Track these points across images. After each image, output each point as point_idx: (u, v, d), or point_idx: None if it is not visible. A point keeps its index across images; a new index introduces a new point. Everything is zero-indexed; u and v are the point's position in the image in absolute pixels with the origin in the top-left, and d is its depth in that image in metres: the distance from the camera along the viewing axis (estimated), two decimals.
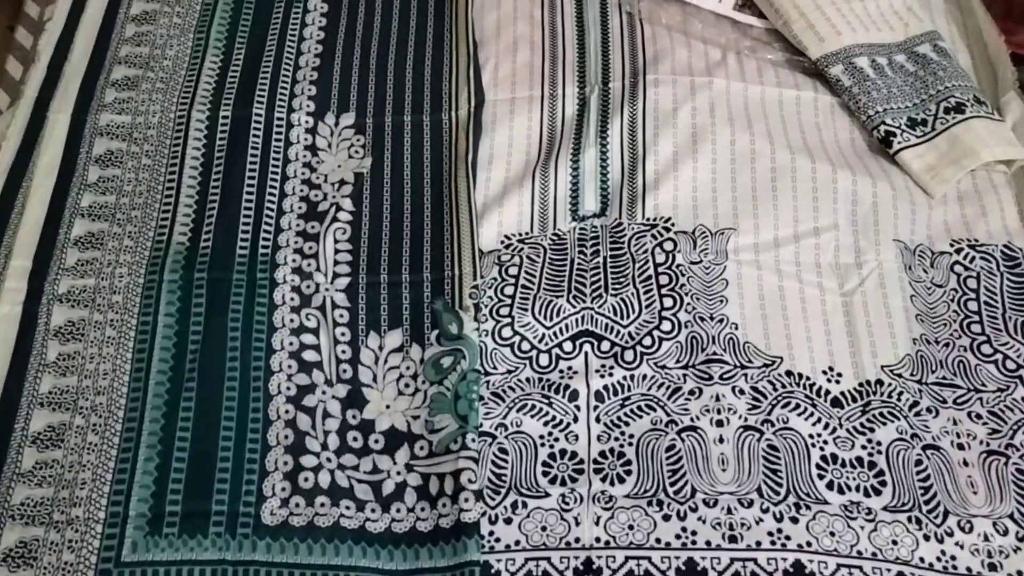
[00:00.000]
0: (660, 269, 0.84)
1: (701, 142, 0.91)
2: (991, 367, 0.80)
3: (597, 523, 0.72)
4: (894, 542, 0.71)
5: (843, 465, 0.74)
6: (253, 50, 1.00)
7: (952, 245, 0.87)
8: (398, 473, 0.75)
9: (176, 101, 0.95)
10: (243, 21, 1.02)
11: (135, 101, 0.95)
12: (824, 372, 0.79)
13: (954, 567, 0.70)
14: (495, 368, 0.80)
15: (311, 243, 0.87)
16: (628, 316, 0.82)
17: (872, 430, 0.76)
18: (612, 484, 0.74)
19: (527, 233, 0.88)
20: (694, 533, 0.71)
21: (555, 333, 0.82)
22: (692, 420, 0.77)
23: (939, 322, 0.82)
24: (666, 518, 0.72)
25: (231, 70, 0.98)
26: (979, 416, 0.77)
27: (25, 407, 0.77)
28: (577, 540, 0.72)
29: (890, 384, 0.78)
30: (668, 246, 0.86)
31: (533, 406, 0.78)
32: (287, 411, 0.78)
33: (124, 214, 0.88)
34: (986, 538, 0.71)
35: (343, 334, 0.82)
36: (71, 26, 1.01)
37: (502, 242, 0.88)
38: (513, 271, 0.86)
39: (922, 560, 0.70)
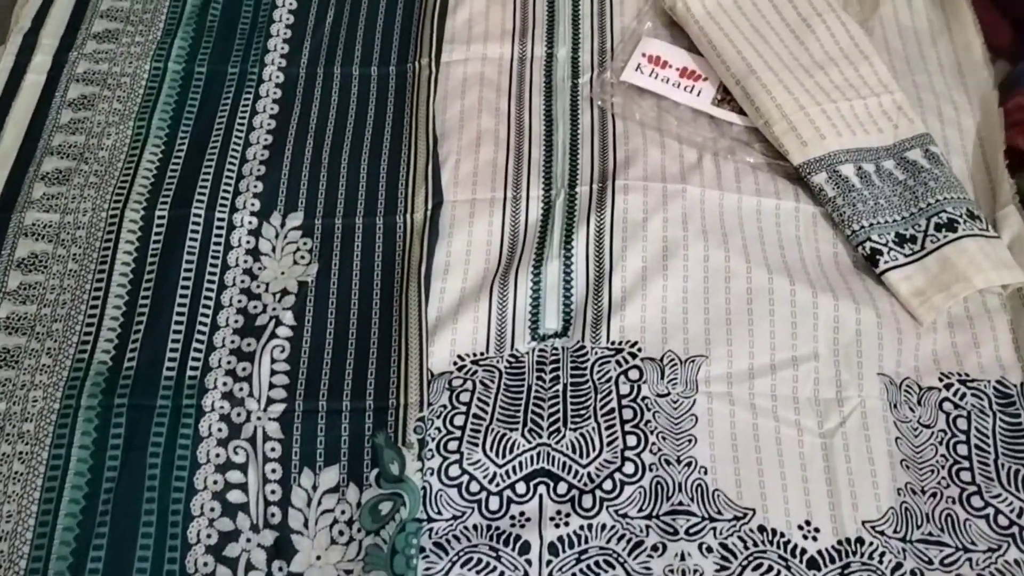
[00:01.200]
0: (624, 401, 0.77)
1: (672, 257, 0.84)
2: (981, 523, 0.73)
3: None
4: None
5: None
6: (198, 140, 0.93)
7: (941, 380, 0.80)
8: None
9: (110, 198, 0.88)
10: (189, 107, 0.96)
11: (65, 198, 0.89)
12: (800, 527, 0.72)
13: None
14: (439, 513, 0.73)
15: (245, 364, 0.80)
16: (588, 455, 0.75)
17: None
18: None
19: (482, 353, 0.81)
20: None
21: (507, 472, 0.75)
22: None
23: (926, 468, 0.76)
24: None
25: (172, 162, 0.91)
26: None
27: None
28: None
29: (871, 543, 0.71)
30: (634, 375, 0.79)
31: (480, 560, 0.71)
32: (206, 563, 0.70)
33: (44, 327, 0.81)
34: None
35: (273, 471, 0.75)
36: (3, 111, 0.94)
37: (455, 363, 0.81)
38: (465, 398, 0.79)
39: None
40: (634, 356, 0.80)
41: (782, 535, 0.72)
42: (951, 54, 1.04)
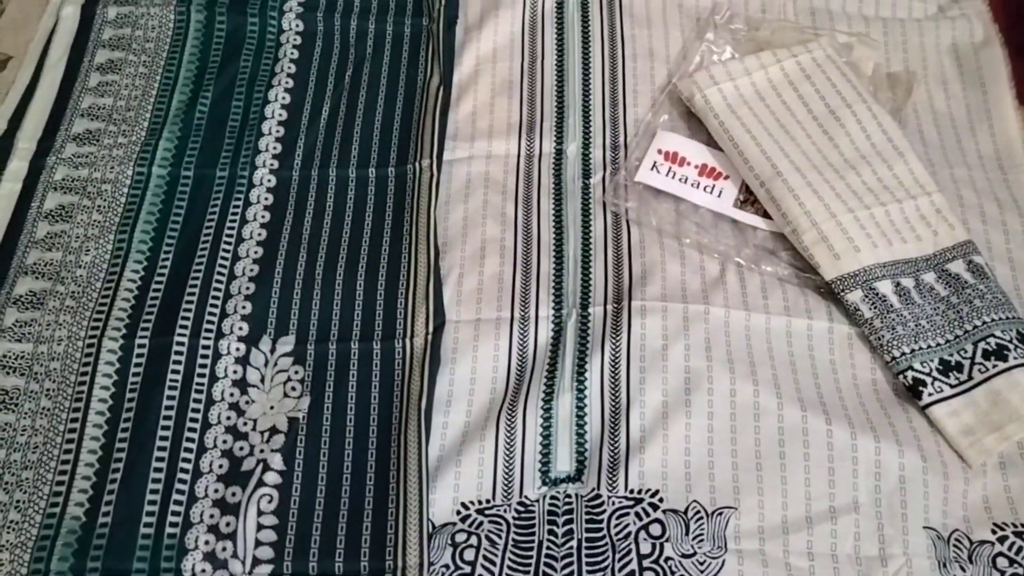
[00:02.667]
0: (645, 563, 0.70)
1: (696, 391, 0.77)
2: None
3: None
4: None
5: None
6: (183, 254, 0.87)
7: (994, 532, 0.73)
8: None
9: (87, 325, 0.82)
10: (174, 217, 0.89)
11: (39, 324, 0.82)
12: None
13: None
14: None
15: (229, 518, 0.73)
16: None
17: None
18: None
19: (488, 500, 0.74)
20: None
21: None
22: None
23: None
24: None
25: (155, 281, 0.85)
26: None
27: None
28: None
29: None
30: (655, 530, 0.72)
31: None
32: None
33: (13, 476, 0.75)
34: None
35: None
36: None
37: (458, 512, 0.74)
38: (469, 556, 0.72)
39: None
40: (655, 508, 0.73)
41: None
42: (991, 144, 0.96)
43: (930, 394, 0.77)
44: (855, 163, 0.89)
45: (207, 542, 0.72)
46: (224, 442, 0.77)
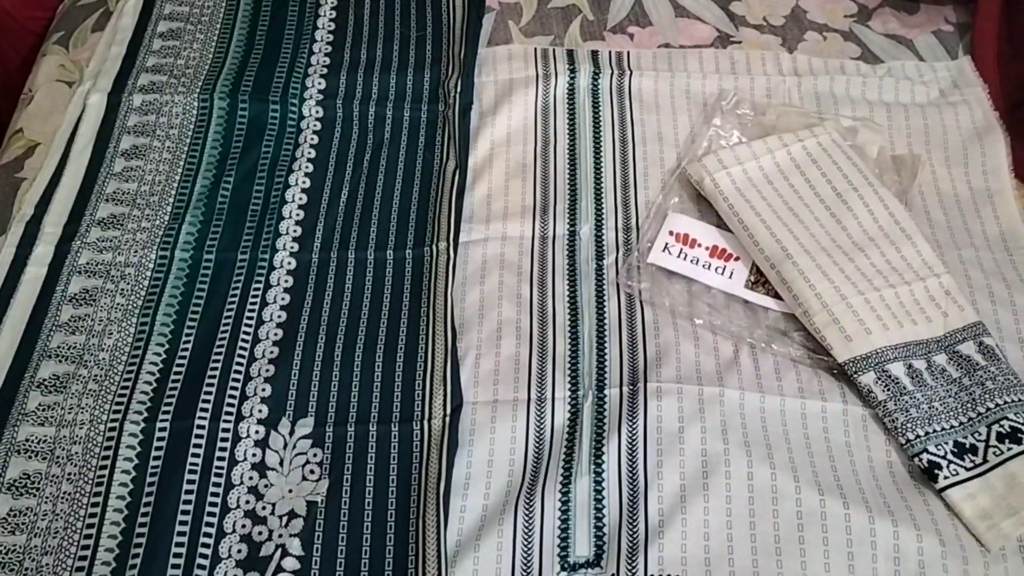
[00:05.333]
0: None
1: (713, 475, 0.78)
2: None
3: None
4: None
5: None
6: (204, 337, 0.88)
7: None
8: None
9: (109, 408, 0.83)
10: (195, 300, 0.91)
11: (62, 408, 0.83)
12: None
13: None
14: None
15: None
16: None
17: None
18: None
19: None
20: None
21: None
22: None
23: None
24: None
25: (176, 364, 0.86)
26: None
27: None
28: None
29: None
30: None
31: None
32: None
33: (33, 561, 0.75)
34: None
35: None
36: (1, 308, 0.89)
37: None
38: None
39: None
40: None
41: None
42: (996, 225, 0.99)
43: (946, 477, 0.78)
44: (863, 245, 0.91)
45: None
46: (243, 527, 0.77)
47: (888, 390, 0.82)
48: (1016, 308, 0.91)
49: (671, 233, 0.96)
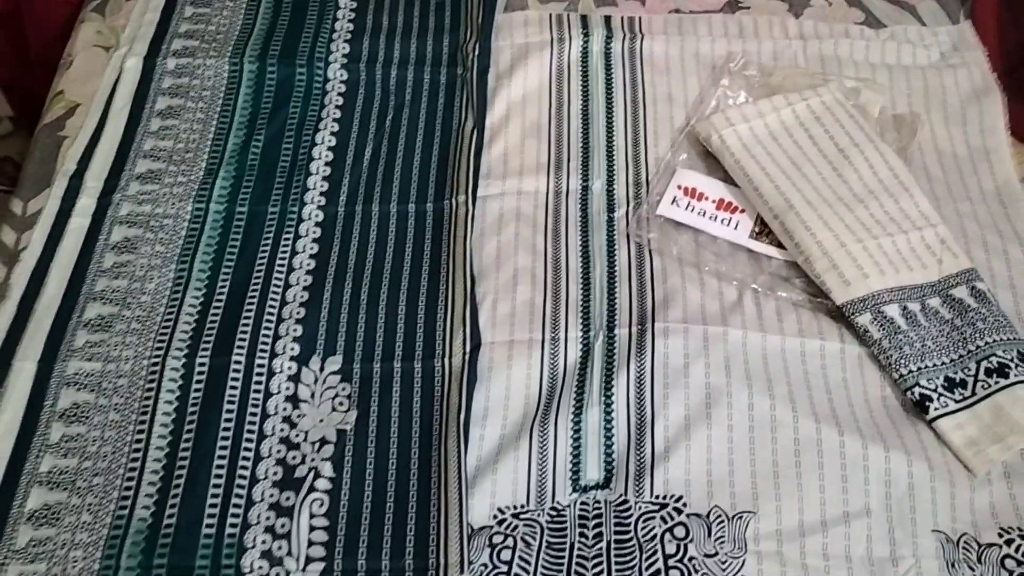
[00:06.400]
0: (671, 562, 0.75)
1: (716, 406, 0.83)
2: None
3: None
4: None
5: None
6: (239, 282, 0.94)
7: (1001, 535, 0.77)
8: None
9: (151, 346, 0.89)
10: (230, 249, 0.97)
11: (107, 345, 0.89)
12: None
13: None
14: None
15: (284, 520, 0.79)
16: None
17: None
18: None
19: (523, 506, 0.80)
20: None
21: None
22: None
23: None
24: None
25: (213, 306, 0.92)
26: None
27: None
28: None
29: None
30: (679, 532, 0.77)
31: None
32: None
33: (85, 481, 0.81)
34: None
35: None
36: (47, 256, 0.95)
37: (495, 516, 0.79)
38: (506, 556, 0.77)
39: None
40: (679, 512, 0.78)
41: None
42: (991, 181, 1.03)
43: (936, 408, 0.83)
44: (863, 198, 0.96)
45: (264, 541, 0.77)
46: (278, 451, 0.83)
47: (883, 329, 0.87)
48: (1009, 257, 0.96)
49: (679, 187, 1.01)
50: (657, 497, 0.79)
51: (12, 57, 1.49)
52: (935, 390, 0.83)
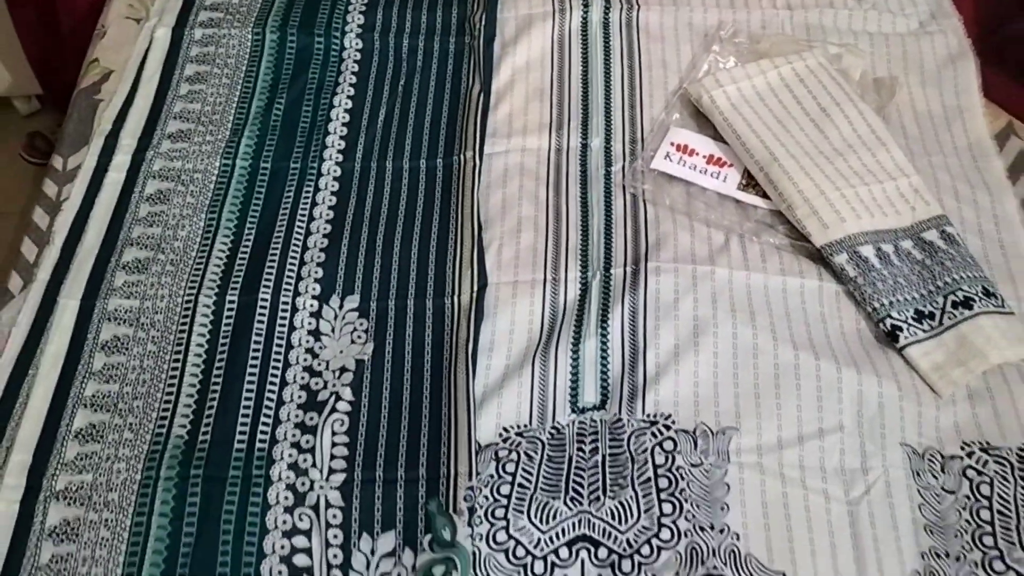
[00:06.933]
0: (660, 471, 0.83)
1: (703, 335, 0.91)
2: None
3: None
4: None
5: None
6: (264, 230, 1.02)
7: (963, 448, 0.84)
8: None
9: (185, 285, 0.97)
10: (255, 200, 1.05)
11: (144, 285, 0.97)
12: None
13: None
14: (488, 575, 0.79)
15: (308, 436, 0.87)
16: (626, 521, 0.80)
17: None
18: None
19: (526, 425, 0.87)
20: None
21: (551, 538, 0.80)
22: None
23: (949, 533, 0.80)
24: None
25: (241, 252, 1.00)
26: None
27: None
28: None
29: None
30: (668, 445, 0.84)
31: None
32: None
33: (126, 404, 0.89)
34: None
35: (335, 536, 0.81)
36: (87, 206, 1.03)
37: (500, 435, 0.87)
38: (510, 468, 0.84)
39: None
40: (668, 428, 0.85)
41: None
42: (964, 138, 1.10)
43: (906, 337, 0.90)
44: (843, 151, 1.03)
45: (291, 455, 0.85)
46: (302, 378, 0.91)
47: (858, 268, 0.94)
48: (978, 206, 1.03)
49: (672, 144, 1.08)
50: (648, 416, 0.86)
51: (43, 36, 1.58)
52: (905, 321, 0.91)
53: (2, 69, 1.66)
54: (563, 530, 0.80)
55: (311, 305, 0.96)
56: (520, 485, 0.83)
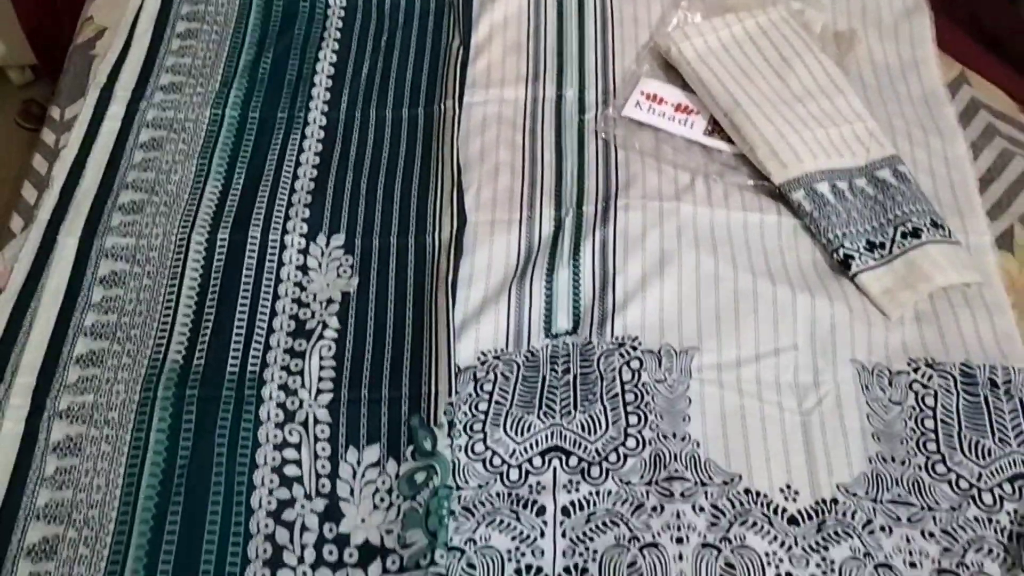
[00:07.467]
0: (627, 387, 0.89)
1: (668, 265, 0.96)
2: (944, 486, 0.83)
3: None
4: None
5: None
6: (253, 174, 1.07)
7: (910, 364, 0.90)
8: None
9: (178, 224, 1.02)
10: (244, 147, 1.10)
11: (139, 224, 1.02)
12: (782, 490, 0.83)
13: None
14: (467, 483, 0.84)
15: (298, 360, 0.92)
16: (595, 432, 0.86)
17: (826, 548, 0.79)
18: None
19: (502, 350, 0.93)
20: None
21: (525, 448, 0.86)
22: (654, 537, 0.80)
23: (895, 440, 0.86)
24: None
25: (231, 194, 1.05)
26: (932, 534, 0.80)
27: (22, 520, 0.82)
28: None
29: (845, 503, 0.82)
30: (635, 364, 0.90)
31: (502, 521, 0.82)
32: (267, 525, 0.82)
33: (124, 332, 0.94)
34: None
35: (323, 449, 0.86)
36: (84, 153, 1.08)
37: (478, 358, 0.92)
38: (487, 387, 0.90)
39: None
40: (635, 349, 0.91)
41: (765, 496, 0.82)
42: (919, 87, 1.16)
43: (858, 265, 0.96)
44: (802, 98, 1.09)
45: (281, 377, 0.91)
46: (291, 309, 0.96)
47: (814, 203, 1.00)
48: (930, 149, 1.09)
49: (642, 93, 1.14)
50: (616, 338, 0.92)
51: (37, 6, 1.62)
52: (857, 251, 0.97)
53: None
54: (536, 441, 0.86)
55: (299, 243, 1.01)
56: (497, 402, 0.89)
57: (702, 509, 0.81)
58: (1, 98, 1.86)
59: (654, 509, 0.82)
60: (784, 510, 0.81)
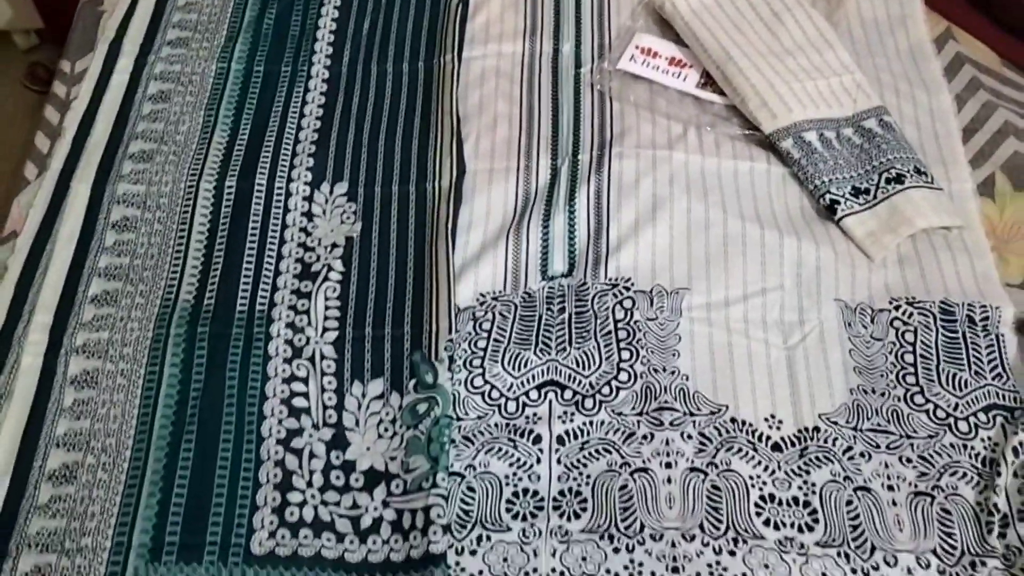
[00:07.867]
0: (619, 325, 0.93)
1: (660, 210, 1.00)
2: (922, 415, 0.87)
3: (554, 555, 0.80)
4: (823, 575, 0.78)
5: (779, 504, 0.82)
6: (258, 126, 1.10)
7: (891, 303, 0.94)
8: (375, 508, 0.83)
9: (187, 172, 1.05)
10: (249, 99, 1.13)
11: (149, 172, 1.06)
12: (766, 419, 0.87)
13: None
14: (466, 414, 0.88)
15: (304, 300, 0.96)
16: (589, 367, 0.90)
17: (808, 472, 0.83)
18: (569, 520, 0.81)
19: (500, 291, 0.97)
20: (640, 564, 0.79)
21: (522, 382, 0.90)
22: (644, 462, 0.84)
23: (876, 373, 0.90)
24: (616, 551, 0.79)
25: (237, 144, 1.08)
26: (909, 460, 0.84)
27: (43, 447, 0.86)
28: (535, 570, 0.79)
29: (826, 431, 0.86)
30: (627, 304, 0.94)
31: (500, 448, 0.86)
32: (277, 452, 0.86)
33: (136, 274, 0.98)
34: (909, 572, 0.78)
35: (330, 383, 0.90)
36: (94, 104, 1.12)
37: (477, 300, 0.96)
38: (486, 326, 0.94)
39: None
40: (628, 290, 0.95)
41: (751, 425, 0.86)
42: (906, 42, 1.19)
43: (843, 210, 1.00)
44: (792, 51, 1.12)
45: (288, 315, 0.95)
46: (297, 253, 1.00)
47: (802, 151, 1.03)
48: (916, 101, 1.12)
49: (637, 47, 1.17)
50: (610, 280, 0.96)
51: None
52: (843, 196, 1.00)
53: (3, 2, 1.72)
54: (533, 376, 0.90)
55: (303, 191, 1.05)
56: (495, 339, 0.93)
57: (690, 437, 0.85)
58: (7, 62, 1.88)
59: (644, 437, 0.86)
60: (768, 437, 0.85)
